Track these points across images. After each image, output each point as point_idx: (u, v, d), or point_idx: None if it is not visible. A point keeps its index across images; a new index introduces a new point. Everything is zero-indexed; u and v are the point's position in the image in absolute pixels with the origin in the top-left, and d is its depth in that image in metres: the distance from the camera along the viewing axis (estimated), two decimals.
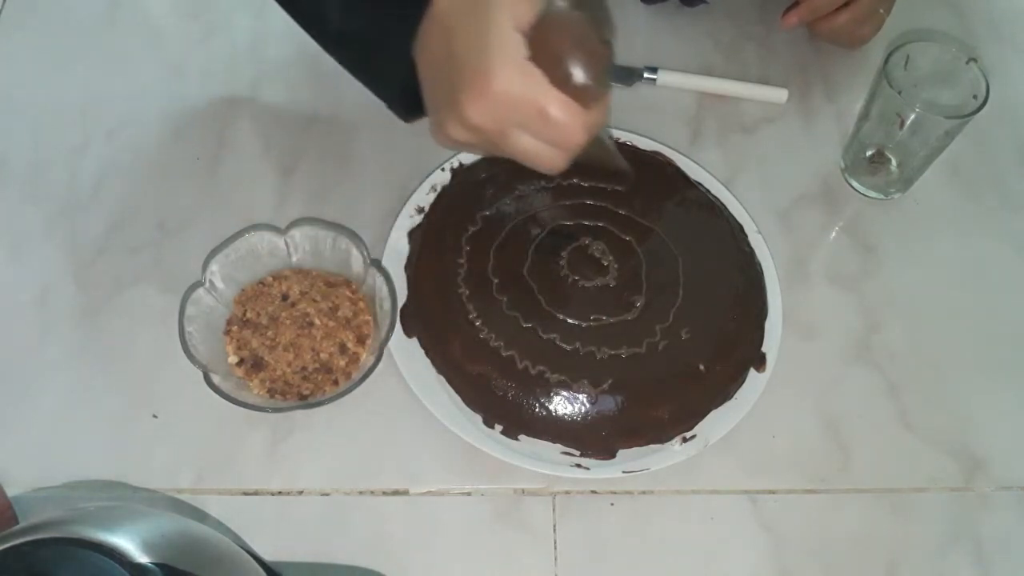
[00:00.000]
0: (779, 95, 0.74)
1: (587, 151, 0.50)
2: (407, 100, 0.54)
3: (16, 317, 0.62)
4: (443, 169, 0.67)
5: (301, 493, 0.57)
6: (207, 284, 0.59)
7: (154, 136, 0.70)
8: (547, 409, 0.58)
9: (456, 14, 0.48)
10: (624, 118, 0.72)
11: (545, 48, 0.46)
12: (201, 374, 0.55)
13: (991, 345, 0.65)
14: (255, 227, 0.61)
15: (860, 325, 0.65)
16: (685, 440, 0.58)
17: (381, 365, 0.57)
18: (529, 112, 0.46)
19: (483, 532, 0.56)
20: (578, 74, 0.46)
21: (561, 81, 0.46)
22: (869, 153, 0.70)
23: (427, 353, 0.60)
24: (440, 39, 0.48)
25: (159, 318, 0.60)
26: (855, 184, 0.71)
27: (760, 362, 0.61)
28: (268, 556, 0.52)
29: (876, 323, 0.65)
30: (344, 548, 0.55)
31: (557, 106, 0.46)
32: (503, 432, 0.58)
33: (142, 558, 0.36)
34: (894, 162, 0.69)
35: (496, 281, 0.61)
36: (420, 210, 0.65)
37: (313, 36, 0.60)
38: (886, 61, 0.64)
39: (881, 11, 0.72)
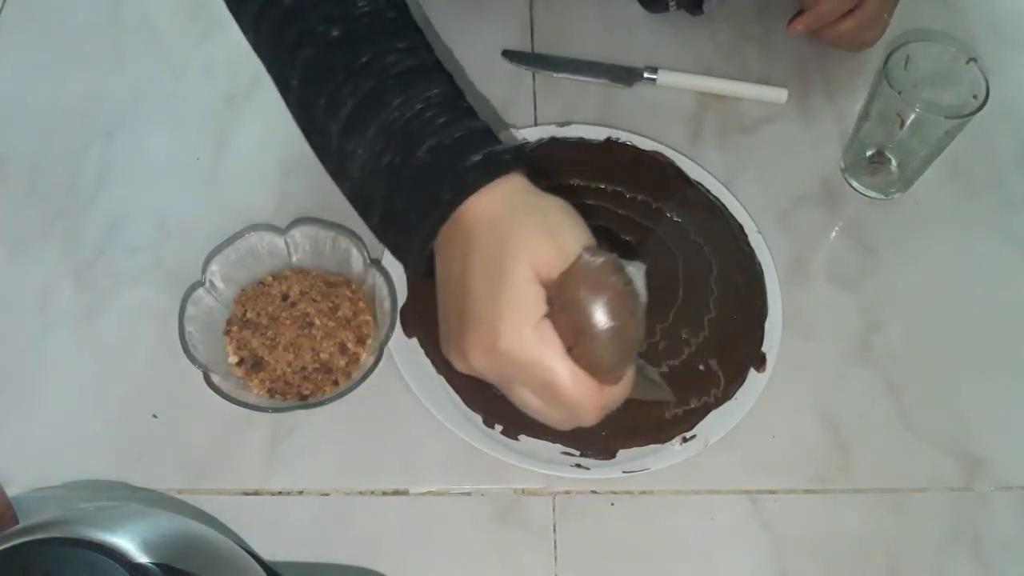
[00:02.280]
0: (779, 95, 0.74)
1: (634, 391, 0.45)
2: (422, 272, 0.49)
3: (16, 317, 0.62)
4: None
5: (301, 493, 0.57)
6: (207, 284, 0.59)
7: (154, 136, 0.70)
8: None
9: (481, 239, 0.43)
10: (624, 118, 0.72)
11: (569, 311, 0.40)
12: (201, 374, 0.55)
13: (991, 345, 0.65)
14: (255, 227, 0.61)
15: (860, 325, 0.65)
16: (685, 440, 0.58)
17: (381, 365, 0.57)
18: (535, 380, 0.41)
19: (483, 532, 0.56)
20: (602, 352, 0.40)
21: (580, 354, 0.40)
22: (869, 153, 0.70)
23: (427, 353, 0.60)
24: (460, 258, 0.44)
25: (159, 318, 0.60)
26: (855, 184, 0.71)
27: (760, 362, 0.61)
28: (268, 556, 0.52)
29: (876, 323, 0.65)
30: (344, 548, 0.55)
31: (566, 383, 0.41)
32: (503, 432, 0.58)
33: (142, 558, 0.36)
34: (894, 162, 0.69)
35: None
36: None
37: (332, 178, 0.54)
38: (886, 61, 0.64)
39: (885, 15, 0.72)
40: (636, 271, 0.42)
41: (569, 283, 0.40)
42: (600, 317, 0.40)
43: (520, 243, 0.42)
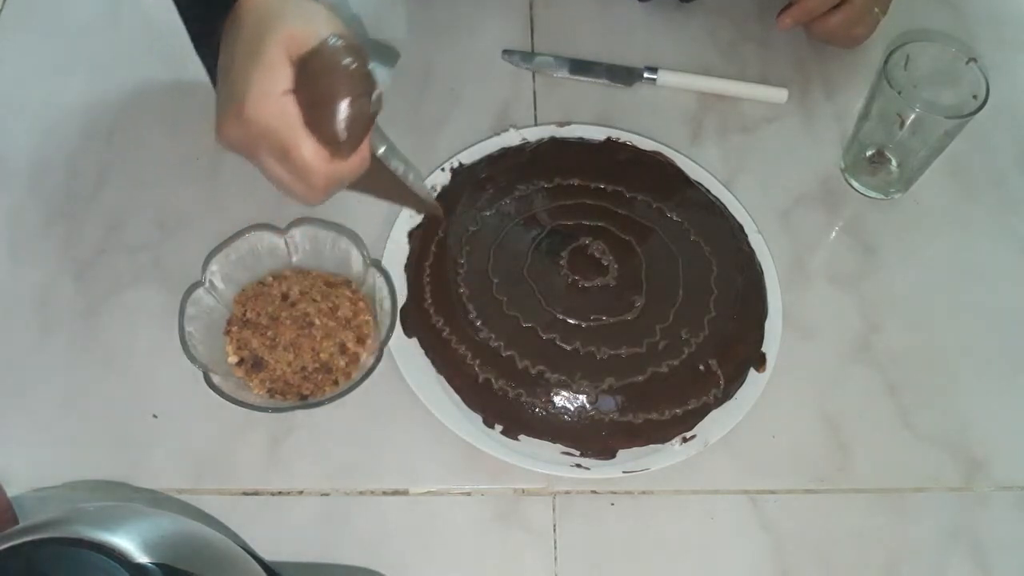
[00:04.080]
0: (779, 95, 0.74)
1: (383, 189, 0.50)
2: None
3: (16, 317, 0.62)
4: (443, 169, 0.67)
5: (301, 493, 0.57)
6: (207, 284, 0.59)
7: (154, 136, 0.70)
8: (547, 409, 0.58)
9: (248, 22, 0.47)
10: (624, 118, 0.72)
11: (309, 86, 0.44)
12: (201, 374, 0.55)
13: (991, 345, 0.65)
14: (255, 227, 0.61)
15: (860, 325, 0.65)
16: (685, 440, 0.58)
17: (381, 365, 0.57)
18: (274, 147, 0.45)
19: (483, 532, 0.56)
20: (331, 122, 0.44)
21: (314, 124, 0.45)
22: (869, 153, 0.70)
23: (427, 353, 0.60)
24: (229, 44, 0.48)
25: (159, 318, 0.60)
26: (855, 184, 0.71)
27: (760, 362, 0.61)
28: (268, 556, 0.52)
29: (876, 323, 0.65)
30: (344, 548, 0.55)
31: (302, 150, 0.45)
32: (503, 432, 0.58)
33: (142, 558, 0.36)
34: (894, 162, 0.69)
35: (496, 281, 0.61)
36: None
37: None
38: (886, 61, 0.64)
39: (876, 11, 0.72)
40: (381, 69, 0.48)
41: (311, 61, 0.44)
42: (332, 91, 0.44)
43: (277, 26, 0.45)
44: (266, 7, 0.47)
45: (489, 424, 0.58)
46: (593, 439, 0.58)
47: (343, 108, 0.44)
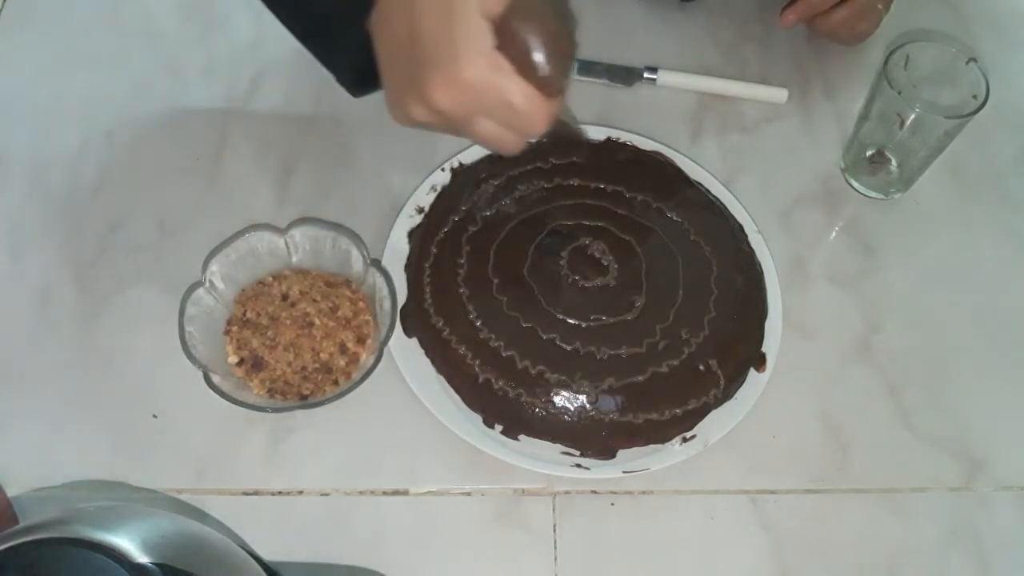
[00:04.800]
0: (779, 95, 0.74)
1: (550, 130, 0.51)
2: (357, 75, 0.53)
3: (16, 317, 0.62)
4: (443, 169, 0.67)
5: (301, 493, 0.57)
6: (207, 284, 0.59)
7: (154, 136, 0.70)
8: (547, 409, 0.58)
9: None
10: (624, 118, 0.72)
11: (512, 38, 0.46)
12: (201, 374, 0.55)
13: (991, 345, 0.65)
14: (255, 227, 0.61)
15: (860, 325, 0.65)
16: (685, 440, 0.58)
17: (381, 365, 0.57)
18: (495, 101, 0.46)
19: (483, 532, 0.56)
20: (543, 66, 0.47)
21: (526, 71, 0.46)
22: (869, 153, 0.70)
23: (427, 353, 0.60)
24: (403, 17, 0.47)
25: (159, 318, 0.60)
26: (855, 184, 0.71)
27: (760, 362, 0.61)
28: (268, 556, 0.52)
29: (876, 323, 0.65)
30: (344, 548, 0.55)
31: (523, 97, 0.46)
32: (503, 432, 0.58)
33: (142, 558, 0.36)
34: (894, 162, 0.69)
35: (496, 281, 0.61)
36: (420, 210, 0.65)
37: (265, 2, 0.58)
38: (886, 61, 0.64)
39: (879, 7, 0.72)
40: None
41: (513, 13, 0.45)
42: (542, 39, 0.46)
43: None
44: None
45: (489, 424, 0.58)
46: (593, 439, 0.58)
47: (556, 48, 0.47)
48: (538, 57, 0.46)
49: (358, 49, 0.51)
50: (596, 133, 0.70)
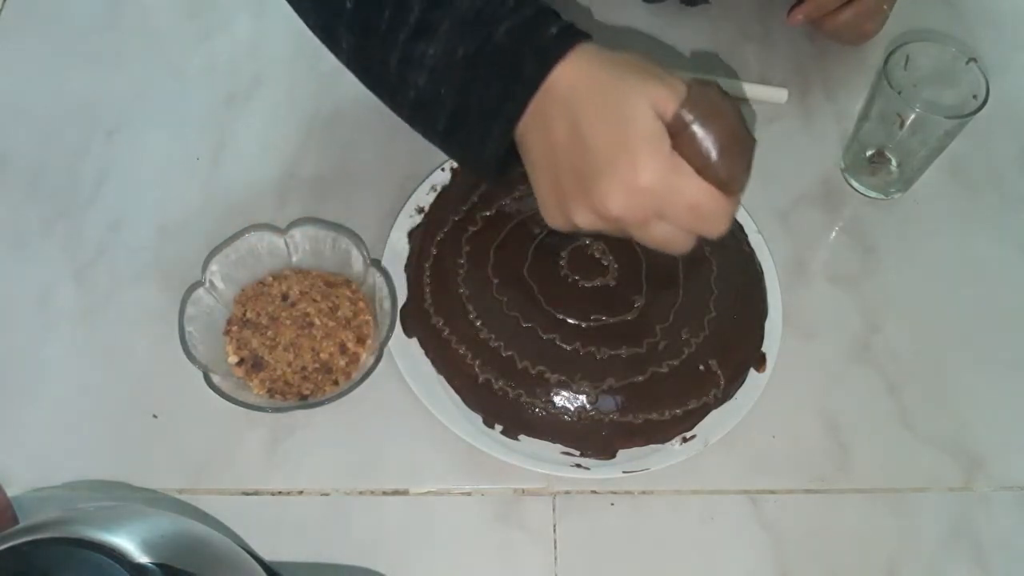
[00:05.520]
0: (779, 95, 0.74)
1: None
2: (498, 164, 0.51)
3: (16, 317, 0.62)
4: (443, 169, 0.67)
5: (301, 493, 0.57)
6: (207, 284, 0.59)
7: (154, 136, 0.70)
8: (547, 409, 0.58)
9: (585, 97, 0.45)
10: None
11: (690, 137, 0.44)
12: (201, 374, 0.55)
13: (991, 345, 0.65)
14: (255, 227, 0.61)
15: (860, 325, 0.65)
16: (685, 440, 0.58)
17: (381, 365, 0.57)
18: (678, 206, 0.45)
19: (483, 532, 0.56)
20: (725, 165, 0.45)
21: (706, 171, 0.45)
22: (869, 153, 0.70)
23: (427, 353, 0.60)
24: (563, 122, 0.46)
25: (159, 318, 0.60)
26: (855, 184, 0.71)
27: (760, 362, 0.61)
28: (268, 556, 0.52)
29: (876, 323, 0.65)
30: (344, 548, 0.55)
31: (707, 198, 0.45)
32: (503, 432, 0.58)
33: (142, 558, 0.36)
34: (894, 162, 0.69)
35: (496, 281, 0.61)
36: (420, 210, 0.65)
37: (384, 100, 0.55)
38: (886, 61, 0.64)
39: (885, 7, 0.72)
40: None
41: (687, 114, 0.44)
42: (723, 137, 0.45)
43: (635, 87, 0.44)
44: (601, 73, 0.46)
45: (489, 424, 0.58)
46: (593, 439, 0.58)
47: (735, 146, 0.45)
48: (718, 155, 0.45)
49: (497, 147, 0.49)
50: None
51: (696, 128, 0.44)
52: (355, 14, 0.52)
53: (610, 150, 0.44)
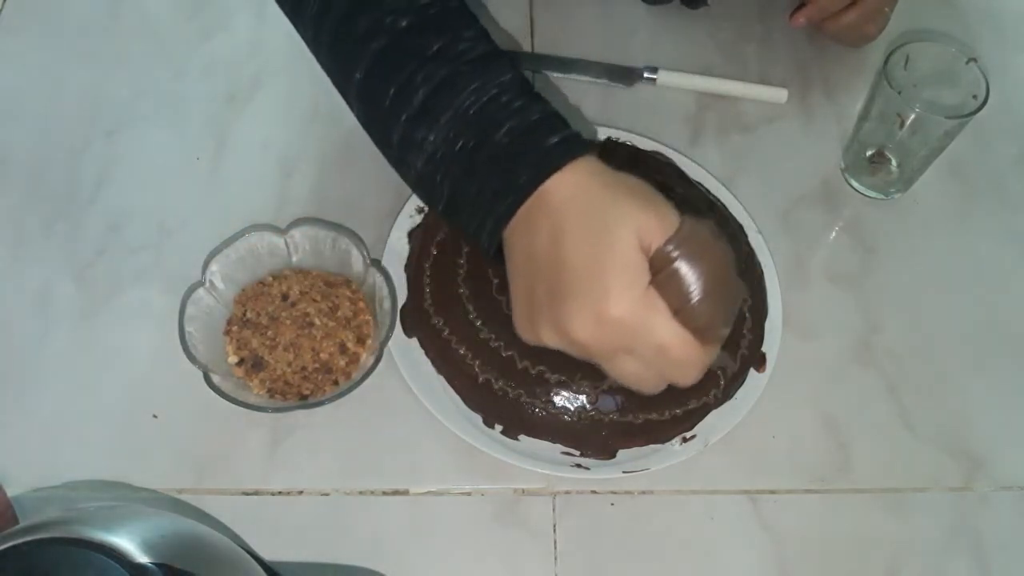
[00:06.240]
0: (779, 95, 0.74)
1: None
2: (492, 252, 0.49)
3: (16, 317, 0.62)
4: None
5: (301, 493, 0.57)
6: (207, 284, 0.59)
7: (154, 136, 0.70)
8: (547, 409, 0.58)
9: (573, 214, 0.44)
10: (624, 118, 0.72)
11: (671, 275, 0.42)
12: (201, 374, 0.55)
13: (991, 345, 0.65)
14: (255, 227, 0.61)
15: (860, 325, 0.65)
16: (685, 440, 0.58)
17: (381, 365, 0.57)
18: (644, 343, 0.42)
19: (483, 532, 0.56)
20: (703, 312, 0.42)
21: (683, 314, 0.42)
22: (869, 153, 0.70)
23: (427, 353, 0.60)
24: (547, 234, 0.44)
25: (159, 318, 0.60)
26: (855, 184, 0.71)
27: (760, 362, 0.61)
28: (268, 556, 0.52)
29: (876, 323, 0.65)
30: (344, 548, 0.55)
31: (676, 343, 0.42)
32: (503, 432, 0.58)
33: (142, 558, 0.36)
34: (894, 162, 0.69)
35: (496, 281, 0.61)
36: (420, 210, 0.65)
37: (392, 166, 0.54)
38: (886, 61, 0.64)
39: (886, 9, 0.72)
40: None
41: (674, 250, 0.42)
42: (707, 282, 0.42)
43: (624, 213, 0.42)
44: (594, 192, 0.44)
45: (489, 424, 0.58)
46: (593, 439, 0.58)
47: (720, 297, 0.42)
48: (699, 299, 0.42)
49: (496, 226, 0.47)
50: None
51: (680, 266, 0.42)
52: (364, 84, 0.51)
53: (586, 273, 0.42)
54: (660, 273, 0.42)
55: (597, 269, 0.42)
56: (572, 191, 0.44)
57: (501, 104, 0.47)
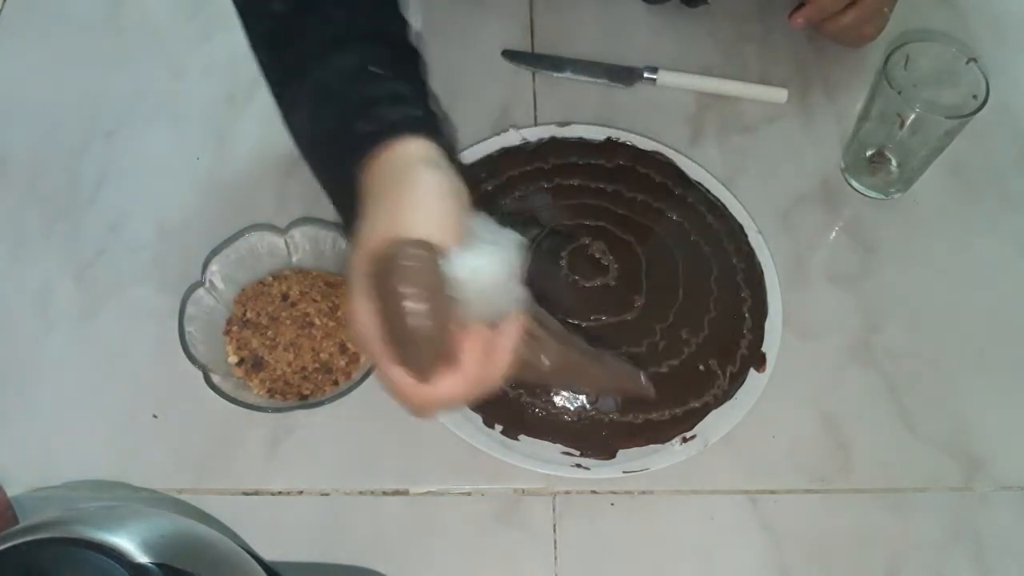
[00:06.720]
0: (779, 95, 0.74)
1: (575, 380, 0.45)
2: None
3: (16, 317, 0.62)
4: None
5: (301, 493, 0.57)
6: (207, 284, 0.59)
7: (154, 136, 0.70)
8: (547, 409, 0.58)
9: (370, 195, 0.43)
10: (624, 118, 0.72)
11: (386, 298, 0.38)
12: (201, 374, 0.55)
13: (991, 345, 0.65)
14: (255, 227, 0.61)
15: (860, 325, 0.65)
16: (685, 440, 0.58)
17: None
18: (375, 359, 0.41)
19: (483, 532, 0.56)
20: (406, 351, 0.38)
21: (391, 345, 0.39)
22: (869, 153, 0.70)
23: None
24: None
25: (159, 318, 0.60)
26: (855, 184, 0.71)
27: (760, 362, 0.61)
28: (268, 556, 0.52)
29: (876, 323, 0.65)
30: (344, 548, 0.55)
31: (386, 372, 0.40)
32: (503, 432, 0.58)
33: (142, 558, 0.36)
34: (894, 162, 0.69)
35: None
36: None
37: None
38: (886, 61, 0.64)
39: (885, 10, 0.72)
40: (502, 250, 0.39)
41: (379, 272, 0.38)
42: (391, 309, 0.37)
43: (370, 220, 0.41)
44: (380, 183, 0.42)
45: (489, 424, 0.58)
46: (593, 439, 0.58)
47: (408, 328, 0.37)
48: (395, 332, 0.37)
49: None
50: (596, 133, 0.70)
51: (383, 294, 0.38)
52: (265, 72, 0.55)
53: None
54: (376, 292, 0.39)
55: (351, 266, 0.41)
56: (382, 170, 0.43)
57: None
